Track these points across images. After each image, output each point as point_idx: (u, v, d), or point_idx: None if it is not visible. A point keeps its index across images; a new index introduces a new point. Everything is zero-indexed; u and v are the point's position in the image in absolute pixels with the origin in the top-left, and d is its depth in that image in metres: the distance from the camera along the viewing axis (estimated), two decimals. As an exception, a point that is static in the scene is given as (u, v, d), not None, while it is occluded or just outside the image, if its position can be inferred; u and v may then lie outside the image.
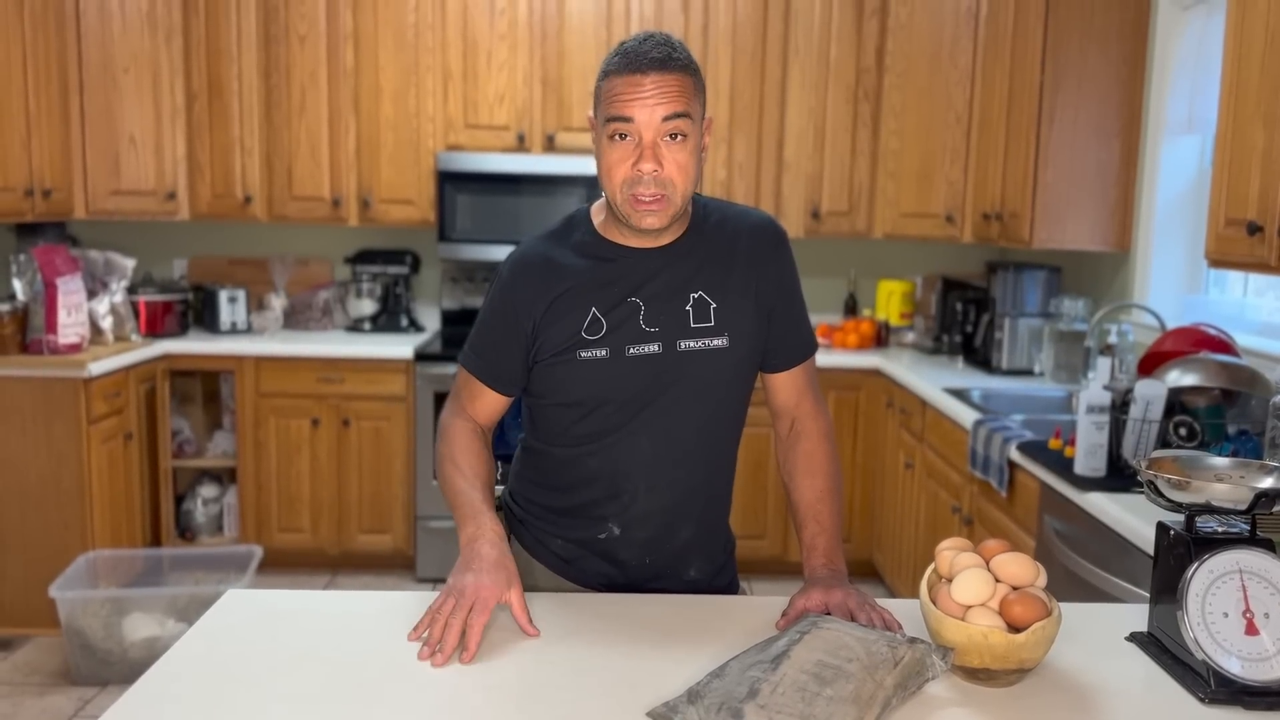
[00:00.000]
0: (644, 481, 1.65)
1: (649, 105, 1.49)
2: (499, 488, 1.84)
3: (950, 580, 1.37)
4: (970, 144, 4.25)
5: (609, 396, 1.61)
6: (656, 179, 1.51)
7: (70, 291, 3.75)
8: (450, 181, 4.34)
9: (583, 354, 1.59)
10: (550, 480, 1.72)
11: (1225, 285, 3.41)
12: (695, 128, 1.53)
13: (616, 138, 1.51)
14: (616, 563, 1.70)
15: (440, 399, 4.20)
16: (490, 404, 1.69)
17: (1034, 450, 2.74)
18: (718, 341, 1.62)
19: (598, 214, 1.66)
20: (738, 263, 1.64)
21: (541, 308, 1.60)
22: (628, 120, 1.50)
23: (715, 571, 1.76)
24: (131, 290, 4.28)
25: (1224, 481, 1.41)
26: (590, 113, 1.59)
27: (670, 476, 1.66)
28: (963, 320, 4.37)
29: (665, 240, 1.62)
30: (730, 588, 1.80)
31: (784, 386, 1.74)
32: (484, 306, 1.68)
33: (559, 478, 1.70)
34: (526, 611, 1.47)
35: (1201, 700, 1.31)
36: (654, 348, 1.60)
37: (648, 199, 1.52)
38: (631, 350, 1.59)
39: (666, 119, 1.49)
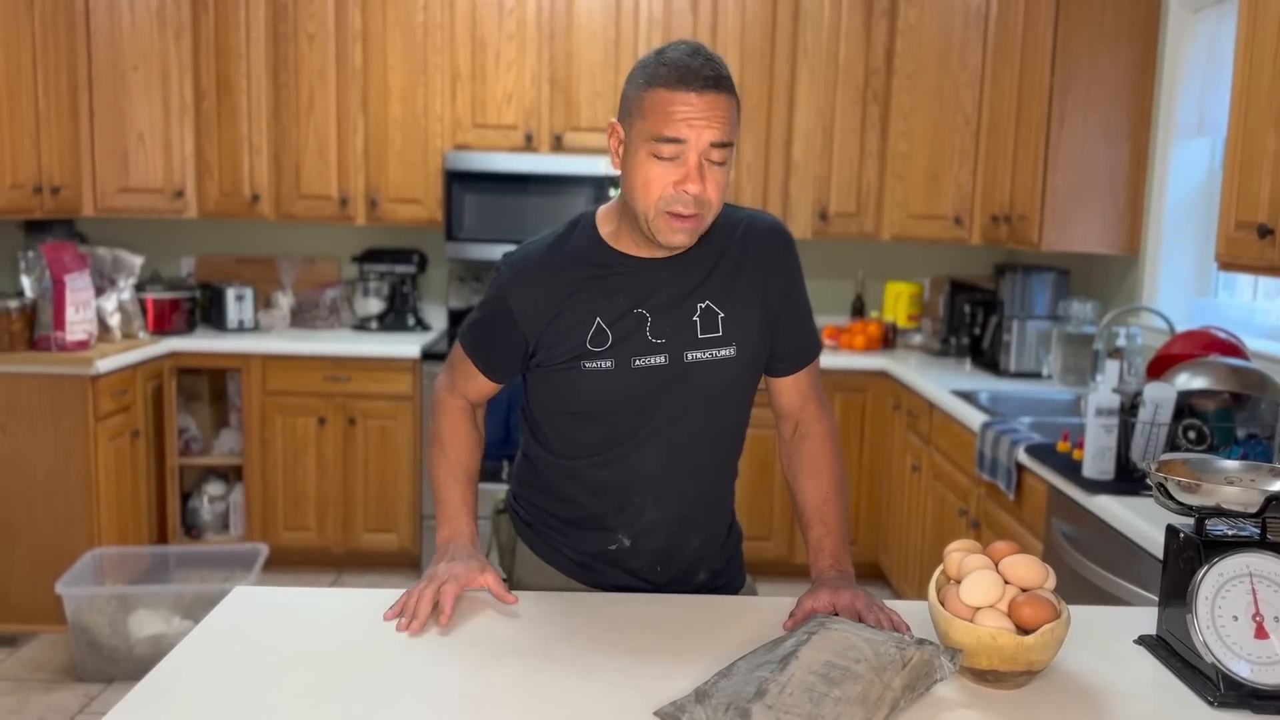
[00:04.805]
0: (652, 493, 1.64)
1: (699, 127, 1.44)
2: (504, 487, 1.85)
3: (959, 582, 1.36)
4: (979, 146, 4.25)
5: (614, 407, 1.60)
6: (696, 199, 1.47)
7: (78, 289, 3.76)
8: (458, 181, 4.35)
9: (587, 365, 1.57)
10: (556, 490, 1.71)
11: (1235, 289, 3.40)
12: (734, 152, 1.52)
13: (660, 155, 1.46)
14: (628, 570, 1.69)
15: (447, 398, 4.19)
16: (483, 387, 1.72)
17: (1042, 453, 2.73)
18: (725, 351, 1.60)
19: (605, 223, 1.61)
20: (745, 270, 1.62)
21: (544, 317, 1.58)
22: (677, 141, 1.45)
23: (723, 567, 1.76)
24: (139, 288, 4.29)
25: (1234, 484, 1.40)
26: (614, 118, 1.54)
27: (679, 487, 1.65)
28: (970, 322, 4.36)
29: (676, 250, 1.59)
30: (738, 580, 1.80)
31: (789, 390, 1.72)
32: (483, 304, 1.67)
33: (565, 488, 1.69)
34: (502, 585, 1.53)
35: (1210, 704, 1.30)
36: (661, 359, 1.58)
37: (686, 216, 1.48)
38: (638, 362, 1.57)
39: (715, 145, 1.46)
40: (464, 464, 1.69)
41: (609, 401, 1.59)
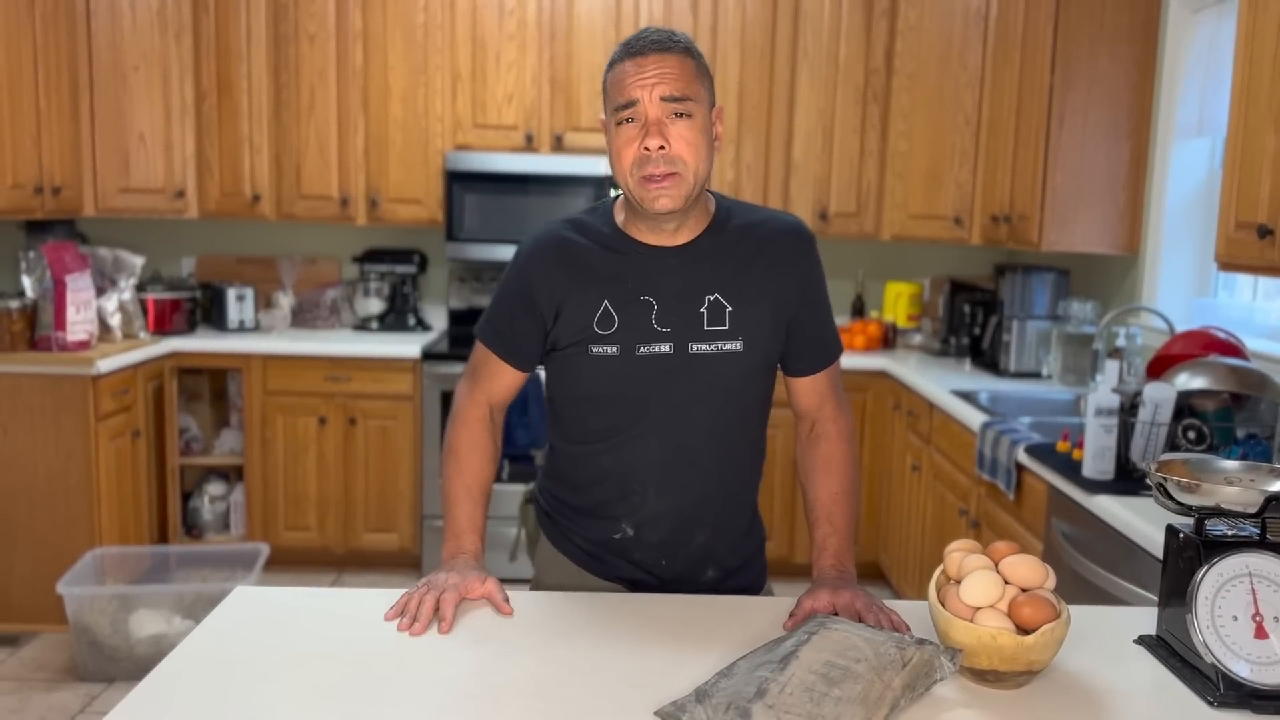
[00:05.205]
0: (654, 483, 1.65)
1: (649, 84, 1.50)
2: (528, 487, 1.89)
3: (959, 582, 1.36)
4: (979, 146, 4.25)
5: (619, 393, 1.62)
6: (665, 157, 1.50)
7: (79, 289, 3.76)
8: (458, 181, 4.35)
9: (594, 349, 1.60)
10: (568, 478, 1.74)
11: (1235, 289, 3.40)
12: (701, 109, 1.53)
13: (625, 123, 1.53)
14: (633, 562, 1.71)
15: (447, 398, 4.20)
16: (507, 382, 1.71)
17: (1042, 453, 2.73)
18: (731, 345, 1.61)
19: (620, 210, 1.66)
20: (759, 267, 1.63)
21: (559, 293, 1.61)
22: (632, 104, 1.51)
23: (738, 568, 1.76)
24: (140, 288, 4.29)
25: (1234, 485, 1.40)
26: (602, 114, 1.59)
27: (680, 480, 1.65)
28: (970, 322, 4.36)
29: (683, 239, 1.61)
30: (757, 583, 1.80)
31: (807, 390, 1.73)
32: (501, 284, 1.70)
33: (575, 475, 1.72)
34: (502, 595, 1.53)
35: (1210, 704, 1.30)
36: (665, 348, 1.59)
37: (658, 176, 1.51)
38: (642, 349, 1.59)
39: (667, 99, 1.50)
40: (478, 480, 1.69)
41: (613, 387, 1.61)
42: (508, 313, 1.67)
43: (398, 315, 4.66)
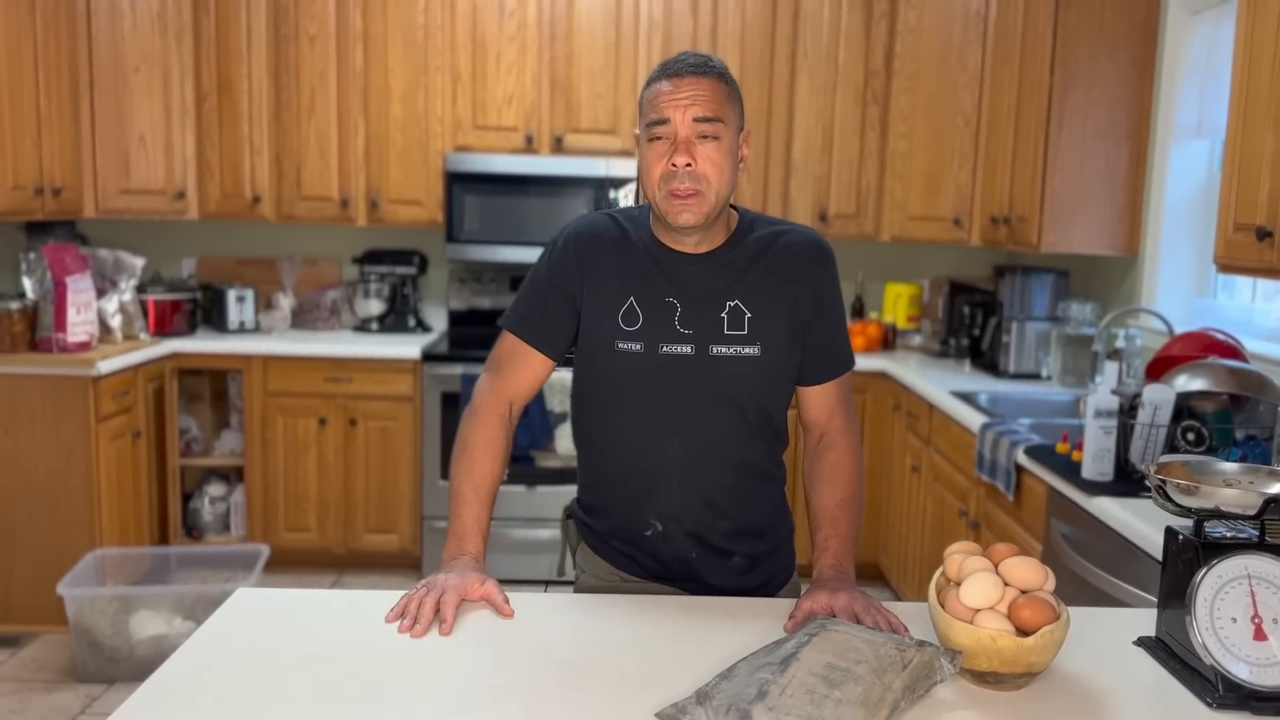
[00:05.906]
0: (677, 478, 1.69)
1: (683, 105, 1.57)
2: (566, 505, 1.93)
3: (959, 584, 1.37)
4: (979, 147, 4.25)
5: (642, 390, 1.67)
6: (691, 174, 1.57)
7: (79, 290, 3.76)
8: (458, 182, 4.35)
9: (620, 345, 1.66)
10: (597, 481, 1.78)
11: (1234, 290, 3.41)
12: (729, 131, 1.61)
13: (656, 139, 1.59)
14: (665, 559, 1.74)
15: (447, 399, 4.21)
16: (536, 372, 1.74)
17: (1041, 454, 2.73)
18: (749, 350, 1.66)
19: (652, 215, 1.72)
20: (777, 277, 1.68)
21: (590, 279, 1.68)
22: (664, 122, 1.58)
23: (765, 554, 1.78)
24: (140, 289, 4.29)
25: (1233, 487, 1.40)
26: (635, 129, 1.66)
27: (702, 476, 1.69)
28: (970, 324, 4.36)
29: (705, 248, 1.68)
30: (784, 574, 1.82)
31: (817, 400, 1.76)
32: (532, 273, 1.75)
33: (603, 476, 1.76)
34: (501, 596, 1.55)
35: (1209, 705, 1.31)
36: (687, 349, 1.65)
37: (683, 192, 1.58)
38: (665, 348, 1.65)
39: (698, 120, 1.57)
40: (487, 481, 1.70)
41: (637, 384, 1.67)
42: (539, 298, 1.72)
43: (398, 316, 4.67)
